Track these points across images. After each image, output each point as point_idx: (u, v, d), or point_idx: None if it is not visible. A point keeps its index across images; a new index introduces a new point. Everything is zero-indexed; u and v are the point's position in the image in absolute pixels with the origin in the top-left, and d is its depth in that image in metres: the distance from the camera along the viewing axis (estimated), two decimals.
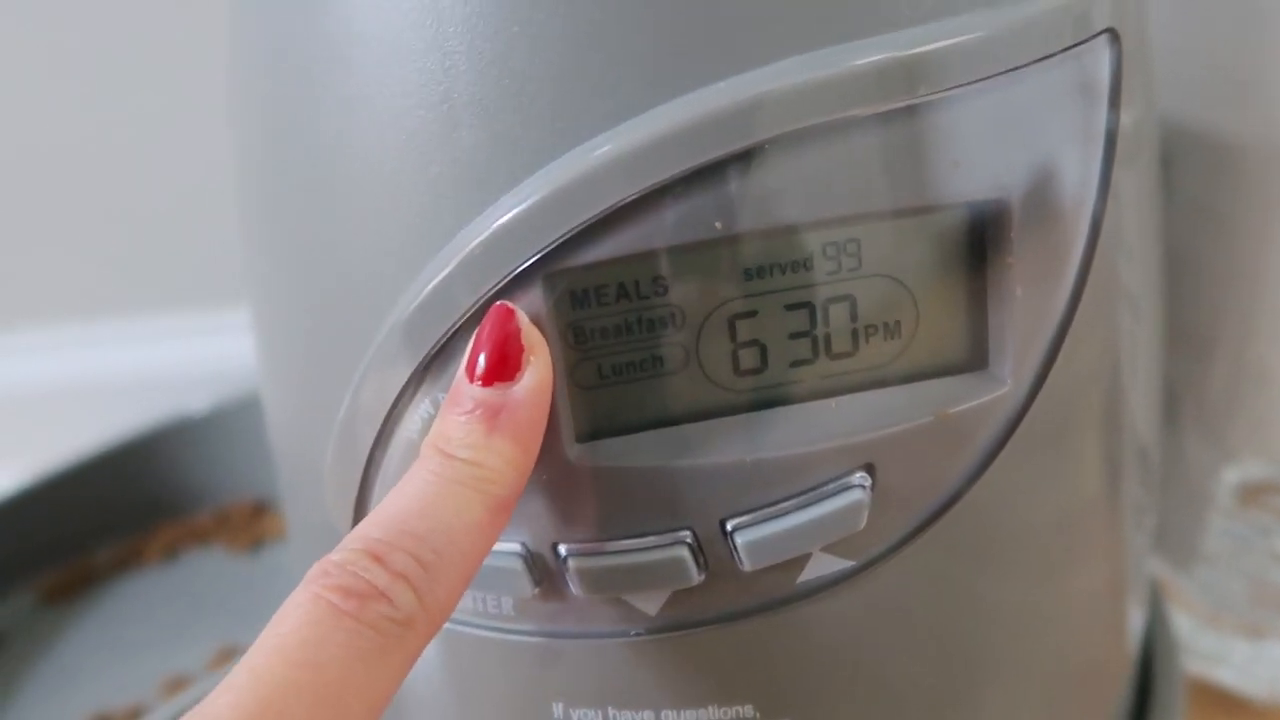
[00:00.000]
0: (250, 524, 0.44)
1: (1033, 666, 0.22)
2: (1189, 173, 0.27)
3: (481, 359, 0.16)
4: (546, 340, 0.16)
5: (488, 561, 0.17)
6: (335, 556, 0.14)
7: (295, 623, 0.13)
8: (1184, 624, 0.33)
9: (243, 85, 0.19)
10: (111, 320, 0.49)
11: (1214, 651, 0.33)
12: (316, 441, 0.19)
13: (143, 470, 0.44)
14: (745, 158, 0.16)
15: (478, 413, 0.15)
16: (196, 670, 0.36)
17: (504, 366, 0.16)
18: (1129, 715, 0.26)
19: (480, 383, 0.16)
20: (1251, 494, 0.28)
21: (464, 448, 0.15)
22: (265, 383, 0.21)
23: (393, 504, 0.15)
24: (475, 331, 0.16)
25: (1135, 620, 0.25)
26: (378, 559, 0.14)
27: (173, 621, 0.40)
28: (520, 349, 0.16)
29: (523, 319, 0.16)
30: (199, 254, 0.46)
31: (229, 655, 0.36)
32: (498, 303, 0.16)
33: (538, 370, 0.16)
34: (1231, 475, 0.28)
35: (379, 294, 0.17)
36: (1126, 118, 0.18)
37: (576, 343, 0.17)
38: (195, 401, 0.44)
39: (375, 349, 0.17)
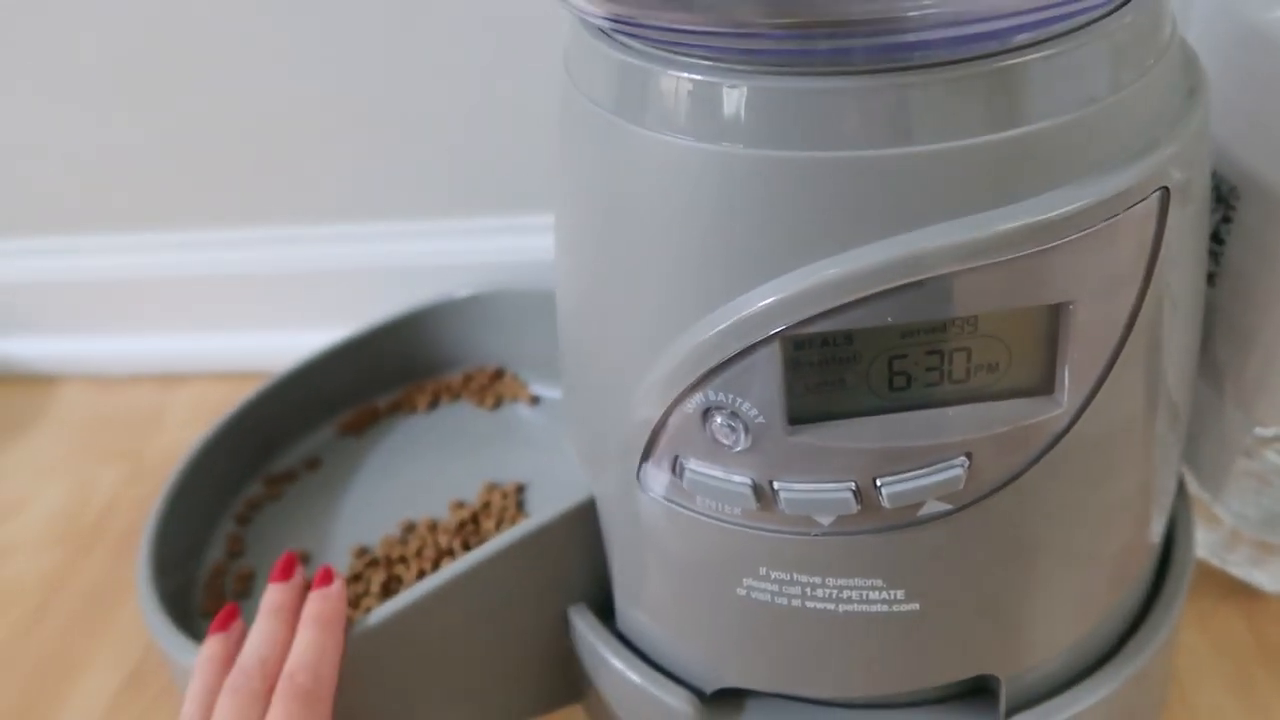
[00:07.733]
0: (491, 385, 0.55)
1: (1076, 552, 0.31)
2: (1251, 210, 0.35)
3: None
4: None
5: (729, 487, 0.29)
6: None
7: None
8: (1213, 538, 0.42)
9: (575, 206, 0.29)
10: (409, 221, 0.60)
11: (1233, 558, 0.43)
12: (612, 406, 0.30)
13: (415, 336, 0.55)
14: (914, 284, 0.25)
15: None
16: (472, 495, 0.47)
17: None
18: (1149, 588, 0.36)
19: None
20: (1267, 443, 0.38)
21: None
22: (571, 360, 0.33)
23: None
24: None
25: (1158, 521, 0.34)
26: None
27: (440, 457, 0.51)
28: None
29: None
30: (489, 174, 0.57)
31: (492, 488, 0.48)
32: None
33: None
34: (1256, 433, 0.37)
35: (666, 328, 0.28)
36: (1176, 176, 0.26)
37: (794, 368, 0.27)
38: (458, 288, 0.56)
39: (669, 361, 0.28)
